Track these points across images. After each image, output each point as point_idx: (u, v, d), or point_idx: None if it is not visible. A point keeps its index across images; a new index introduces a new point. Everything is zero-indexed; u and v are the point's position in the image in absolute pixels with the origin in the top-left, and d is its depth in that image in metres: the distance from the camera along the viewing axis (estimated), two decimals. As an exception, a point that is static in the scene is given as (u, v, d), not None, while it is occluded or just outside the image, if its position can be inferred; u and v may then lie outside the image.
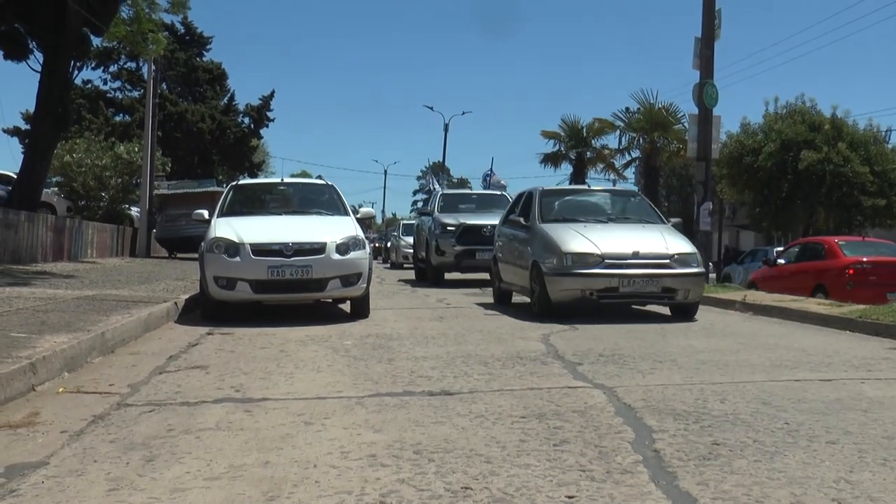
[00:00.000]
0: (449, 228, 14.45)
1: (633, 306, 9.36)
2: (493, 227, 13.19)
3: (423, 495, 2.72)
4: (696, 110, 14.55)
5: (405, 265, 24.10)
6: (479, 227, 14.15)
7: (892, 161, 25.41)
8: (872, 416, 3.87)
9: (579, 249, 8.33)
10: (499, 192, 17.94)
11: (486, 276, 15.11)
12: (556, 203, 9.89)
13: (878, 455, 3.19)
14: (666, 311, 9.08)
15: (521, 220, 9.71)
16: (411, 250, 21.93)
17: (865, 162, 24.77)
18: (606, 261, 8.20)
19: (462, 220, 14.54)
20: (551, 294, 8.33)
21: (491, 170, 35.25)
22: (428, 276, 15.27)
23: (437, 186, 32.13)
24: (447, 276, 15.53)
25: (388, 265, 29.15)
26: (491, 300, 10.95)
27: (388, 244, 32.05)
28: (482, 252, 13.60)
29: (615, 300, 8.34)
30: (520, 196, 10.98)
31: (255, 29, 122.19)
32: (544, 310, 8.43)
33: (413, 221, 30.55)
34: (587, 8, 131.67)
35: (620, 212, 9.91)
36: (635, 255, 8.30)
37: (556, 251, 8.42)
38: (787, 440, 3.41)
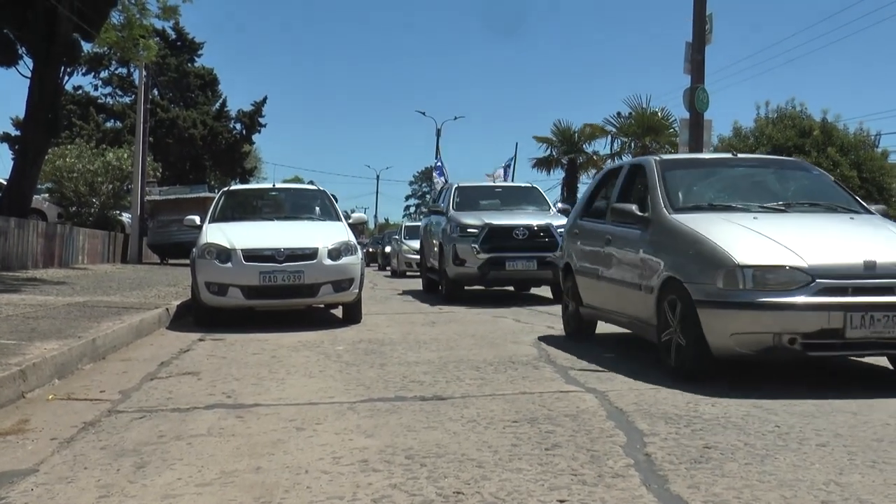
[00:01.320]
0: (470, 231, 11.41)
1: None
2: (527, 228, 11.32)
3: (415, 500, 2.72)
4: (687, 114, 14.62)
5: (408, 273, 21.49)
6: (510, 229, 11.36)
7: (880, 166, 25.59)
8: (862, 419, 3.89)
9: (766, 259, 4.77)
10: (528, 185, 14.56)
11: (516, 289, 13.10)
12: (689, 181, 6.19)
13: (868, 457, 3.21)
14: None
15: (633, 208, 5.90)
16: (415, 256, 19.80)
17: (854, 166, 24.95)
18: (819, 280, 4.63)
19: (487, 220, 11.46)
20: (713, 339, 4.78)
21: (514, 158, 28.31)
22: (442, 289, 12.13)
23: (441, 178, 26.09)
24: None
25: (389, 273, 25.15)
26: (480, 307, 10.93)
27: (388, 249, 26.99)
28: (514, 261, 11.19)
29: (835, 352, 4.80)
30: (611, 172, 7.32)
31: (247, 34, 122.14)
32: (696, 367, 4.93)
33: (418, 223, 28.21)
34: (581, 12, 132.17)
35: (797, 194, 6.22)
36: (869, 268, 4.73)
37: (720, 262, 4.82)
38: (778, 443, 3.42)
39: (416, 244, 19.86)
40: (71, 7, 14.35)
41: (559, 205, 12.88)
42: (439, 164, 27.96)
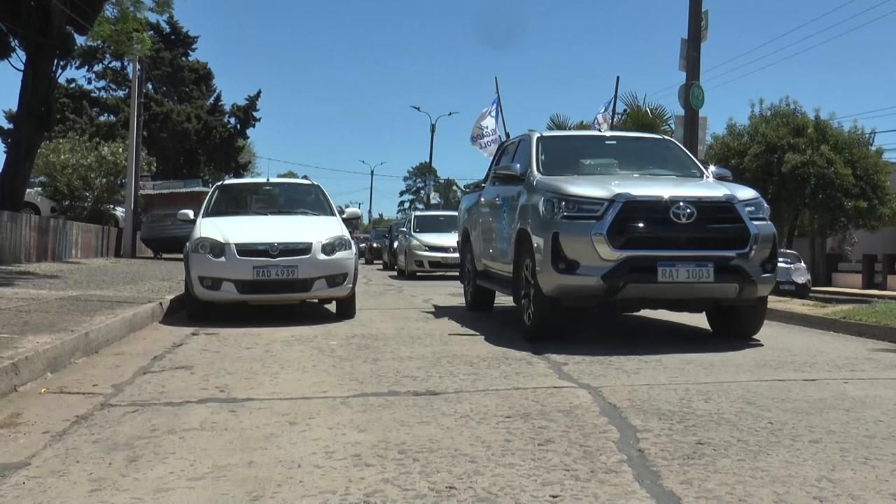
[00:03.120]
0: (587, 207, 6.34)
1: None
2: (695, 203, 6.26)
3: (408, 495, 2.71)
4: (682, 111, 14.62)
5: (419, 273, 18.20)
6: (665, 205, 6.26)
7: (874, 164, 25.67)
8: (855, 416, 3.90)
9: None
10: (658, 136, 9.48)
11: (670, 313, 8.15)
12: None
13: (860, 454, 3.21)
14: (646, 312, 7.48)
15: None
16: (428, 253, 17.92)
17: (849, 164, 25.02)
18: None
19: (618, 189, 6.37)
20: None
21: (614, 99, 16.25)
22: (527, 316, 6.85)
23: (498, 128, 16.18)
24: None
25: (395, 273, 21.07)
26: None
27: (395, 245, 21.83)
28: (673, 264, 6.12)
29: None
30: None
31: (241, 29, 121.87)
32: None
33: (433, 212, 24.31)
34: (577, 9, 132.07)
35: None
36: None
37: None
38: (771, 439, 3.43)
39: (429, 238, 18.06)
40: (64, 0, 14.28)
41: (713, 168, 7.93)
42: (495, 107, 16.41)
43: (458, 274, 16.99)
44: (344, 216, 9.61)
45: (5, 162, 16.09)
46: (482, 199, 9.05)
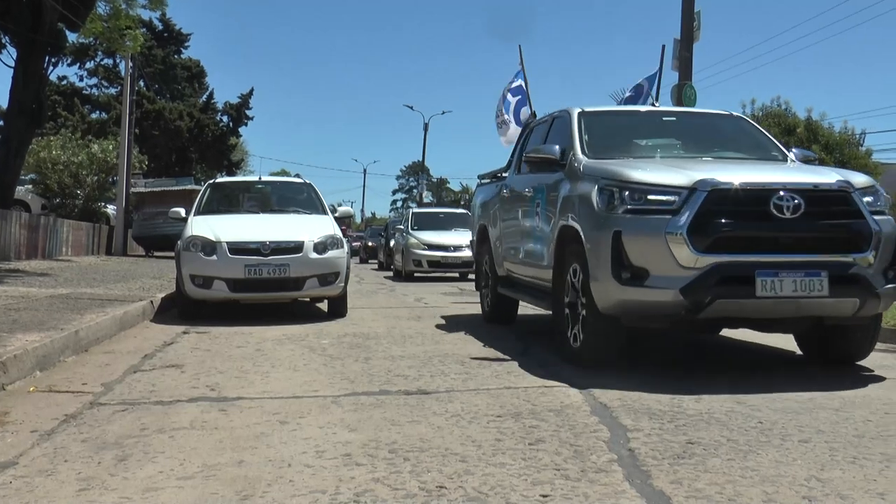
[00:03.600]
0: (656, 199, 4.85)
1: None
2: (800, 192, 4.75)
3: (398, 494, 2.71)
4: (674, 112, 14.65)
5: (417, 274, 17.42)
6: (762, 195, 4.76)
7: (864, 164, 25.79)
8: (844, 415, 3.91)
9: None
10: (725, 112, 7.13)
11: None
12: None
13: (849, 453, 3.23)
14: None
15: None
16: (427, 252, 17.04)
17: (839, 164, 25.14)
18: None
19: (698, 175, 4.85)
20: None
21: (660, 72, 11.63)
22: (581, 336, 5.28)
23: (522, 105, 12.58)
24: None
25: (391, 273, 20.11)
26: (472, 301, 10.89)
27: (392, 243, 20.68)
28: (775, 273, 4.65)
29: None
30: None
31: (234, 27, 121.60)
32: None
33: (433, 209, 23.59)
34: (575, 9, 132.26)
35: None
36: None
37: None
38: (761, 439, 3.44)
39: (428, 236, 17.19)
40: (56, -4, 14.22)
41: (794, 150, 6.42)
42: (520, 81, 12.47)
43: (457, 275, 17.08)
44: (336, 215, 9.60)
45: (-5, 159, 16.01)
46: (505, 192, 7.58)
